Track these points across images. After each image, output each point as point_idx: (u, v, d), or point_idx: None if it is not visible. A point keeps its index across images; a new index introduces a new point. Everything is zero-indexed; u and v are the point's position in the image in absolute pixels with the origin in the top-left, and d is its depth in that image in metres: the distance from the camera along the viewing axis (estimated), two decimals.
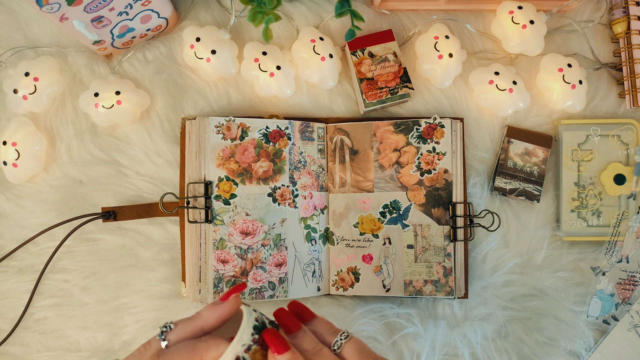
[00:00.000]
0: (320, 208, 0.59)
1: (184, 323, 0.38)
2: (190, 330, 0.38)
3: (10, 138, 0.56)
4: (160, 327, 0.38)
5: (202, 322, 0.38)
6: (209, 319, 0.38)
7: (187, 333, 0.37)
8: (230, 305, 0.38)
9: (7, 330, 0.57)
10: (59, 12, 0.47)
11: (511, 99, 0.59)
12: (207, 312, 0.38)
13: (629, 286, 0.59)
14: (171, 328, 0.38)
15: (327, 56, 0.58)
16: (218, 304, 0.39)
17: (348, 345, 0.37)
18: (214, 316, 0.38)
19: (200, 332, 0.38)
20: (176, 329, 0.37)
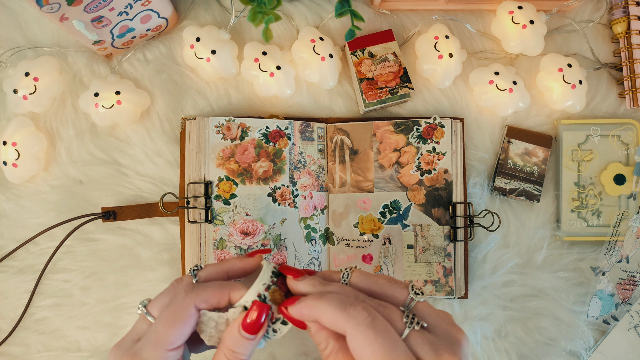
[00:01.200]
0: (320, 208, 0.59)
1: (212, 266, 0.43)
2: (217, 272, 0.42)
3: (10, 138, 0.56)
4: (191, 267, 0.42)
5: (228, 267, 0.42)
6: (234, 266, 0.42)
7: (214, 273, 0.42)
8: (253, 260, 0.43)
9: (7, 330, 0.57)
10: (59, 12, 0.47)
11: (511, 99, 0.59)
12: (233, 260, 0.43)
13: (629, 286, 0.59)
14: (201, 268, 0.42)
15: (327, 56, 0.58)
16: (244, 257, 0.43)
17: (355, 274, 0.39)
18: (238, 265, 0.43)
19: (225, 276, 0.42)
20: (205, 269, 0.42)
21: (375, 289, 0.38)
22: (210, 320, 0.38)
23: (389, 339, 0.33)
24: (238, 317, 0.38)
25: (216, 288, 0.39)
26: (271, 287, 0.39)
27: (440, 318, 0.36)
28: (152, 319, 0.39)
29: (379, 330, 0.33)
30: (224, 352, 0.38)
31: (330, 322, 0.35)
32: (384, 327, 0.34)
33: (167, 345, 0.37)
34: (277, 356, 0.58)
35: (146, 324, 0.39)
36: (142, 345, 0.37)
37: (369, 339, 0.33)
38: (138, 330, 0.39)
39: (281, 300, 0.39)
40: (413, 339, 0.34)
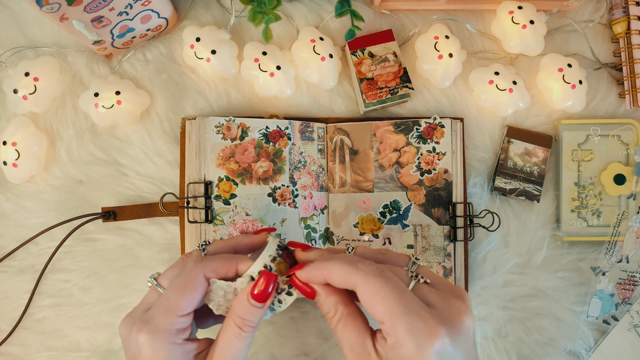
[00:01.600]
0: (320, 208, 0.59)
1: (219, 241, 0.45)
2: (225, 247, 0.44)
3: (10, 138, 0.56)
4: (200, 243, 0.45)
5: (235, 243, 0.45)
6: (241, 242, 0.45)
7: (222, 248, 0.44)
8: (259, 237, 0.45)
9: (7, 330, 0.57)
10: (59, 12, 0.47)
11: (511, 99, 0.59)
12: (240, 237, 0.46)
13: (629, 286, 0.59)
14: (209, 243, 0.45)
15: (327, 56, 0.58)
16: (249, 234, 0.46)
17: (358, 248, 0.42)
18: (245, 241, 0.45)
19: (232, 251, 0.45)
20: (213, 244, 0.45)
21: (379, 257, 0.40)
22: (219, 289, 0.40)
23: (398, 285, 0.36)
24: (246, 286, 0.40)
25: (224, 259, 0.41)
26: (277, 259, 0.41)
27: (441, 278, 0.39)
28: (162, 290, 0.41)
29: (387, 279, 0.36)
30: (233, 320, 0.39)
31: (340, 277, 0.37)
32: (391, 276, 0.36)
33: (178, 312, 0.38)
34: (277, 356, 0.58)
35: (156, 294, 0.41)
36: (154, 312, 0.39)
37: (379, 286, 0.35)
38: (148, 301, 0.41)
39: (286, 271, 0.41)
40: (419, 289, 0.37)
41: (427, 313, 0.34)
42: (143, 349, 0.37)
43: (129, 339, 0.39)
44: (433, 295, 0.37)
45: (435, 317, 0.34)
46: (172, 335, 0.38)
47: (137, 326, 0.38)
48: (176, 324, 0.38)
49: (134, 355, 0.38)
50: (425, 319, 0.34)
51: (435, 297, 0.36)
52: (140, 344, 0.38)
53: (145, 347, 0.37)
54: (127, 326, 0.39)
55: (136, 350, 0.38)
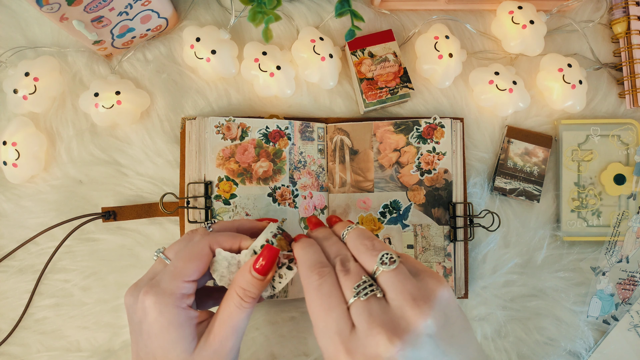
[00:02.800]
0: (320, 208, 0.59)
1: (224, 222, 0.48)
2: (229, 227, 0.47)
3: (10, 138, 0.56)
4: (205, 222, 0.48)
5: (239, 224, 0.47)
6: (245, 224, 0.47)
7: (226, 227, 0.46)
8: (261, 223, 0.47)
9: (7, 330, 0.57)
10: (59, 12, 0.47)
11: (511, 99, 0.59)
12: (244, 219, 0.48)
13: (629, 286, 0.59)
14: (214, 222, 0.48)
15: (327, 56, 0.58)
16: (253, 220, 0.48)
17: (351, 233, 0.42)
18: (248, 224, 0.47)
19: (236, 231, 0.46)
20: (218, 223, 0.47)
21: (354, 253, 0.41)
22: (224, 260, 0.42)
23: (328, 302, 0.37)
24: (249, 259, 0.42)
25: (229, 236, 0.44)
26: (277, 235, 0.44)
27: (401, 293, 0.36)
28: (168, 262, 0.42)
29: (322, 294, 0.37)
30: (235, 290, 0.41)
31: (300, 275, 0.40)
32: (328, 291, 0.37)
33: (184, 277, 0.40)
34: (277, 356, 0.58)
35: (162, 265, 0.43)
36: (160, 277, 0.40)
37: (310, 299, 0.38)
38: (154, 271, 0.43)
39: (286, 247, 0.43)
40: (355, 307, 0.36)
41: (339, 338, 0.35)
42: (149, 311, 0.39)
43: (134, 306, 0.40)
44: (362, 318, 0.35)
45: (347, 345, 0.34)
46: (177, 298, 0.40)
47: (144, 290, 0.40)
48: (182, 288, 0.40)
49: (140, 319, 0.40)
50: (336, 344, 0.35)
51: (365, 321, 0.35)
52: (146, 307, 0.39)
53: (151, 309, 0.39)
54: (132, 294, 0.41)
55: (142, 314, 0.40)
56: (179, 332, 0.39)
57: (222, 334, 0.40)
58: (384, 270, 0.38)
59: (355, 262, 0.40)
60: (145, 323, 0.39)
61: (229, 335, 0.40)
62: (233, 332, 0.40)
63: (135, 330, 0.40)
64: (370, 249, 0.39)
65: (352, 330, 0.35)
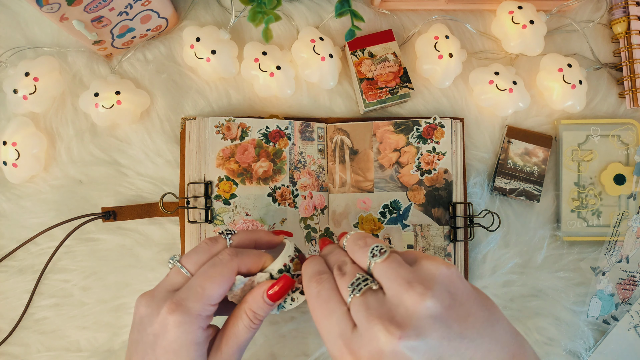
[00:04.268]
0: (320, 208, 0.59)
1: (243, 233, 0.47)
2: (248, 240, 0.46)
3: (10, 138, 0.56)
4: (224, 230, 0.46)
5: (257, 238, 0.47)
6: (262, 238, 0.47)
7: (245, 240, 0.46)
8: (278, 238, 0.48)
9: (7, 330, 0.57)
10: (59, 12, 0.47)
11: (511, 99, 0.59)
12: (261, 232, 0.48)
13: (629, 286, 0.59)
14: (234, 233, 0.46)
15: (327, 56, 0.58)
16: (270, 232, 0.48)
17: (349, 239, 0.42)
18: (266, 238, 0.47)
19: (254, 245, 0.47)
20: (238, 236, 0.46)
21: (350, 254, 0.41)
22: (240, 282, 0.42)
23: (327, 307, 0.37)
24: (263, 283, 0.42)
25: (256, 257, 0.44)
26: (294, 260, 0.44)
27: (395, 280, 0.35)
28: (187, 273, 0.42)
29: (321, 300, 0.38)
30: (245, 312, 0.42)
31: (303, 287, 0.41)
32: (327, 296, 0.38)
33: (210, 300, 0.40)
34: (277, 356, 0.58)
35: (181, 276, 0.42)
36: (186, 296, 0.40)
37: (312, 308, 0.38)
38: (172, 282, 0.42)
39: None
40: (353, 305, 0.36)
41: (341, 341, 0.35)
42: (171, 329, 0.39)
43: (152, 318, 0.40)
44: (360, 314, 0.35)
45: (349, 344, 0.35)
46: (202, 320, 0.40)
47: (168, 306, 0.39)
48: (207, 311, 0.40)
49: (156, 333, 0.39)
50: (340, 347, 0.35)
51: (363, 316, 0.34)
52: (168, 324, 0.39)
53: (173, 328, 0.39)
54: (149, 304, 0.40)
55: (160, 329, 0.39)
56: (197, 351, 0.40)
57: (229, 351, 0.41)
58: (376, 263, 0.37)
59: (352, 264, 0.40)
60: (163, 339, 0.39)
61: (235, 352, 0.42)
62: (239, 349, 0.42)
63: (146, 341, 0.39)
64: (362, 247, 0.39)
65: (354, 329, 0.35)
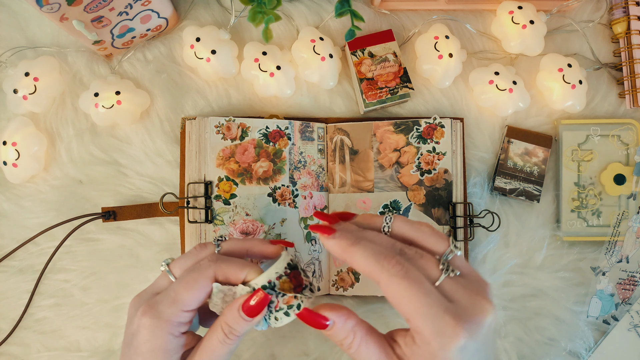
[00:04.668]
0: (320, 208, 0.59)
1: (235, 240, 0.45)
2: (239, 248, 0.44)
3: (10, 138, 0.56)
4: (215, 238, 0.44)
5: (249, 246, 0.44)
6: (254, 247, 0.45)
7: (236, 249, 0.44)
8: (274, 248, 0.45)
9: (7, 330, 0.57)
10: (59, 12, 0.47)
11: (511, 99, 0.59)
12: (256, 241, 0.45)
13: (629, 286, 0.59)
14: (225, 239, 0.44)
15: (327, 56, 0.58)
16: (266, 241, 0.45)
17: (396, 222, 0.40)
18: (259, 247, 0.45)
19: (245, 254, 0.44)
20: (228, 242, 0.44)
21: (416, 238, 0.40)
22: (220, 292, 0.41)
23: (422, 287, 0.36)
24: (242, 296, 0.40)
25: (237, 266, 0.41)
26: (282, 277, 0.41)
27: (472, 269, 0.39)
28: (172, 278, 0.42)
29: (412, 280, 0.36)
30: (220, 325, 0.40)
31: (364, 270, 0.37)
32: (416, 276, 0.36)
33: (183, 307, 0.40)
34: (277, 356, 0.58)
35: (166, 281, 0.42)
36: (160, 300, 0.40)
37: (403, 288, 0.36)
38: (158, 285, 0.42)
39: (290, 291, 0.40)
40: (448, 284, 0.37)
41: (449, 315, 0.35)
42: (142, 330, 0.39)
43: (133, 317, 0.40)
44: (460, 290, 0.37)
45: (457, 317, 0.35)
46: (172, 326, 0.39)
47: (142, 308, 0.40)
48: (179, 317, 0.40)
49: (133, 333, 0.40)
50: (448, 321, 0.35)
51: (462, 293, 0.37)
52: (141, 325, 0.39)
53: (144, 330, 0.39)
54: (134, 305, 0.41)
55: (136, 329, 0.40)
56: (166, 357, 0.39)
57: None
58: (455, 254, 0.39)
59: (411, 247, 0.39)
60: (136, 339, 0.39)
61: None
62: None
63: (127, 340, 0.40)
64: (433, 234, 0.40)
65: (453, 304, 0.36)
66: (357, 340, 0.38)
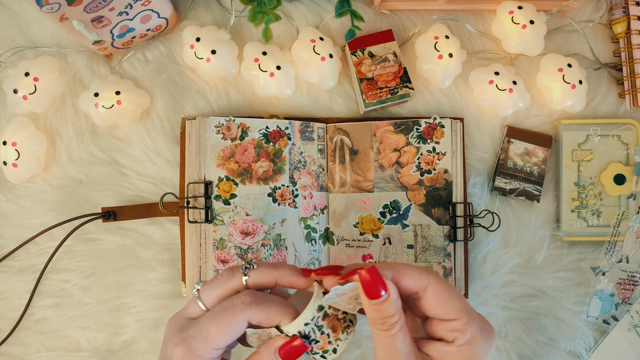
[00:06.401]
0: (320, 208, 0.59)
1: (265, 269, 0.40)
2: (268, 278, 0.40)
3: (10, 138, 0.56)
4: (244, 263, 0.41)
5: (279, 276, 0.40)
6: (284, 278, 0.40)
7: (265, 279, 0.40)
8: (305, 282, 0.41)
9: (7, 330, 0.57)
10: (59, 12, 0.47)
11: (511, 99, 0.59)
12: (286, 270, 0.41)
13: (629, 286, 0.59)
14: (254, 267, 0.40)
15: (327, 56, 0.58)
16: (297, 271, 0.41)
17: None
18: (288, 279, 0.41)
19: (274, 284, 0.41)
20: (257, 272, 0.40)
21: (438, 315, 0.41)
22: (254, 334, 0.40)
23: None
24: (280, 337, 0.39)
25: (271, 313, 0.39)
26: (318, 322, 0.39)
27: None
28: (202, 306, 0.40)
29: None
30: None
31: (413, 277, 0.37)
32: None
33: (214, 345, 0.39)
34: None
35: (198, 308, 0.40)
36: (192, 334, 0.39)
37: (450, 286, 0.38)
38: (191, 311, 0.41)
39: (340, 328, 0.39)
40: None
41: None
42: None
43: (168, 343, 0.40)
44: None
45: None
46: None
47: (176, 339, 0.39)
48: (210, 353, 0.39)
49: (166, 357, 0.40)
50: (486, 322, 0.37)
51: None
52: (173, 355, 0.39)
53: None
54: (170, 327, 0.40)
55: (169, 355, 0.39)
56: None
57: None
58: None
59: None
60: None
61: None
62: None
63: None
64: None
65: None
66: (400, 323, 0.37)
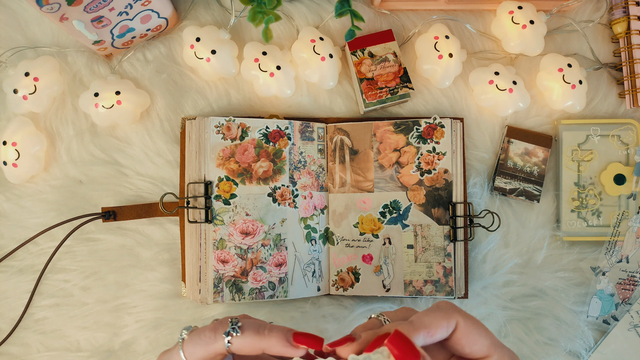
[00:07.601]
0: (320, 208, 0.59)
1: (250, 336, 0.37)
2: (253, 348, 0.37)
3: (10, 138, 0.56)
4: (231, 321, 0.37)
5: (266, 346, 0.37)
6: (272, 348, 0.37)
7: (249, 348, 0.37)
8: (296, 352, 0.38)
9: (7, 330, 0.57)
10: (59, 12, 0.47)
11: (511, 99, 0.59)
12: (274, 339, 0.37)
13: (629, 286, 0.59)
14: (237, 334, 0.37)
15: (327, 56, 0.58)
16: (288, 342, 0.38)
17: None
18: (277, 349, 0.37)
19: (259, 353, 0.38)
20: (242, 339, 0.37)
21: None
22: None
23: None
24: None
25: None
26: None
27: None
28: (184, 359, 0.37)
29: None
30: None
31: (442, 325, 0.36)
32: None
33: None
34: None
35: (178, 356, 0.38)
36: None
37: (476, 323, 0.37)
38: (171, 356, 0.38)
39: None
40: None
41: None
42: None
43: None
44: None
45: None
46: None
47: None
48: None
49: None
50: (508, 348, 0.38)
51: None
52: None
53: None
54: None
55: None
56: None
57: None
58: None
59: None
60: None
61: None
62: None
63: None
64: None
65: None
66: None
